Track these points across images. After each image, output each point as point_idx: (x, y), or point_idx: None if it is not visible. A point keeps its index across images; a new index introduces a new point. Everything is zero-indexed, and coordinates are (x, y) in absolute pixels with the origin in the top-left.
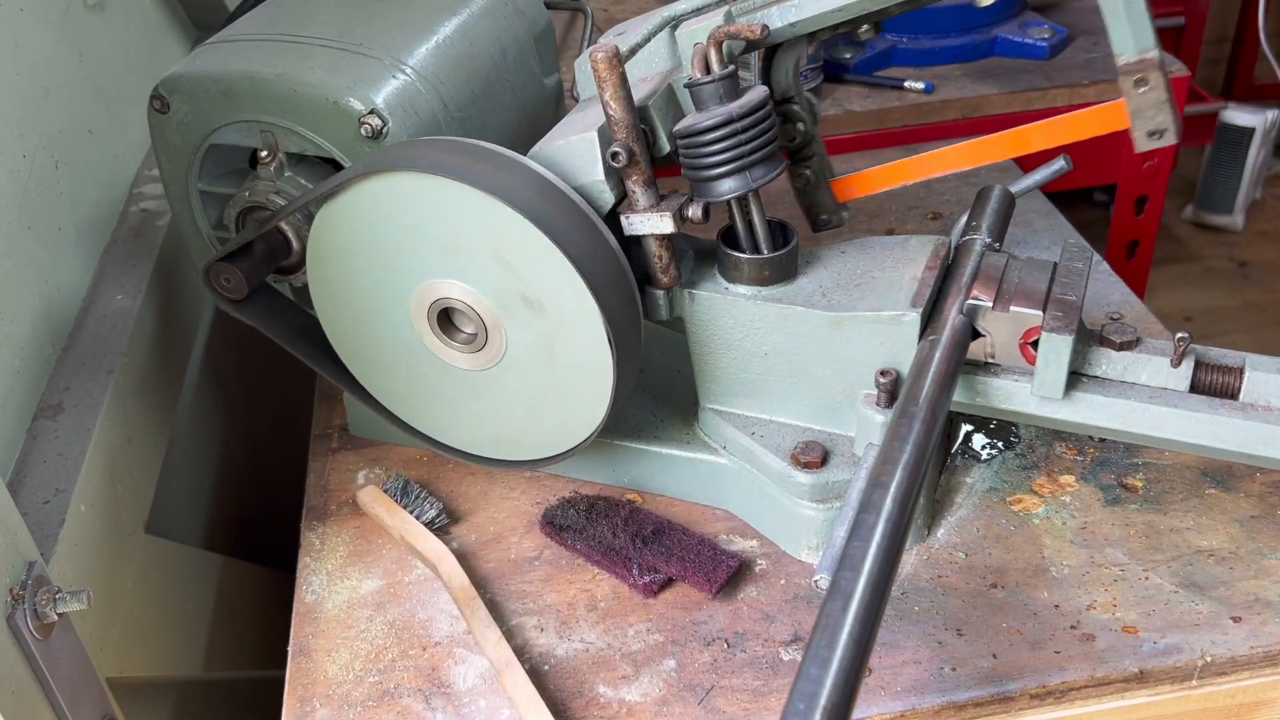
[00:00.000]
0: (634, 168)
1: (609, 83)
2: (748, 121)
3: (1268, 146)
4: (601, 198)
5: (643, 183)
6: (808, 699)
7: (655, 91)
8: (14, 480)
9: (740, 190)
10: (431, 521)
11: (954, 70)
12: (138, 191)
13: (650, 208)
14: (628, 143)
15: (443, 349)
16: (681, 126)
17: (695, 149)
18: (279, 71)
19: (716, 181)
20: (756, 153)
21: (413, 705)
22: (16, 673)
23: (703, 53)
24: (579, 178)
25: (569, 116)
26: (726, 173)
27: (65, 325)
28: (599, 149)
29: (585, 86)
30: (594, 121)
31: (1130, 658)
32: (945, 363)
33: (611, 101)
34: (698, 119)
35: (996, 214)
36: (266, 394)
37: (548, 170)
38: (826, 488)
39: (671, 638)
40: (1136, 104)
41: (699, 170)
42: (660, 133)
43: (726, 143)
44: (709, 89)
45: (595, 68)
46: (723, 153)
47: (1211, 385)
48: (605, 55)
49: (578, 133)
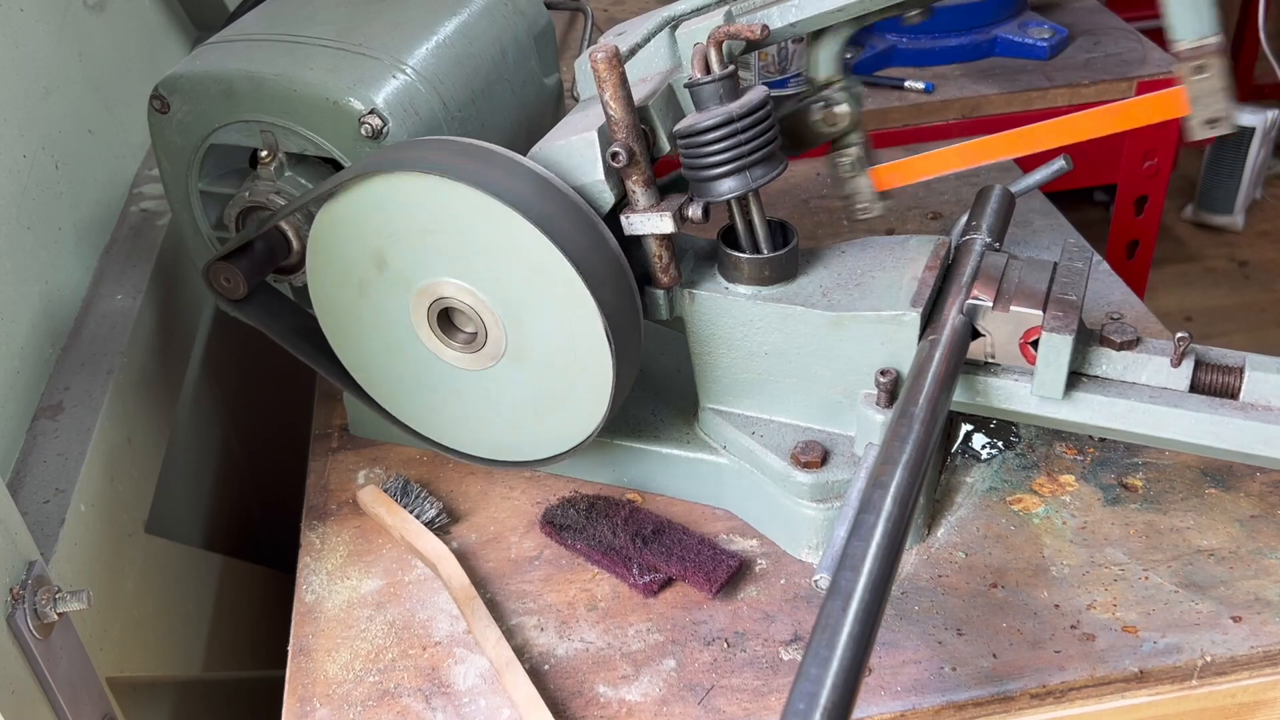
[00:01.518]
0: (634, 168)
1: (609, 83)
2: (748, 121)
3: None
4: (601, 198)
5: (643, 183)
6: (808, 699)
7: (655, 91)
8: (14, 480)
9: (740, 190)
10: (431, 521)
11: (954, 70)
12: (138, 191)
13: (650, 208)
14: (628, 143)
15: (443, 349)
16: (681, 126)
17: (695, 149)
18: (279, 71)
19: (716, 181)
20: (756, 152)
21: (413, 705)
22: (16, 673)
23: (703, 53)
24: (579, 178)
25: (569, 116)
26: (726, 173)
27: (65, 325)
28: (599, 149)
29: (585, 86)
30: (594, 122)
31: (1130, 657)
32: (945, 363)
33: (611, 102)
34: (698, 119)
35: (996, 214)
36: (266, 394)
37: (548, 170)
38: (826, 487)
39: (671, 637)
40: (1195, 91)
41: (699, 170)
42: (660, 132)
43: (726, 143)
44: (709, 89)
45: (595, 68)
46: (723, 153)
47: (1211, 385)
48: (605, 55)
49: (578, 133)
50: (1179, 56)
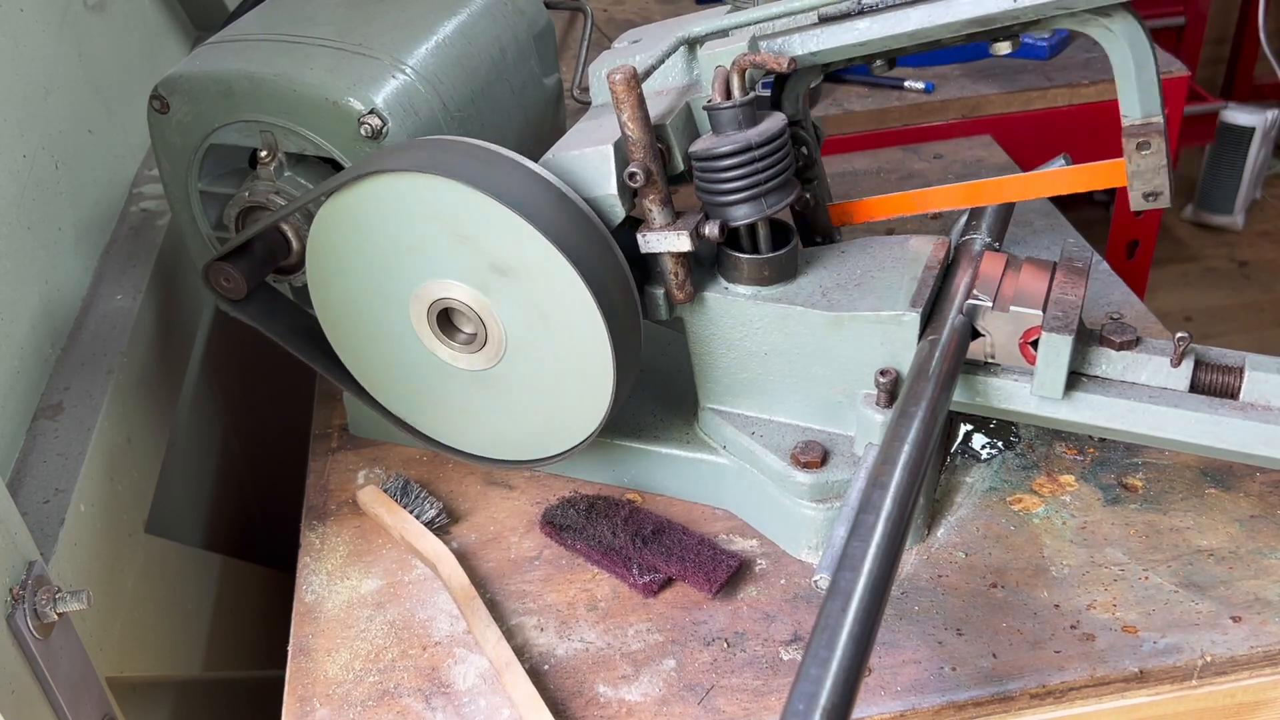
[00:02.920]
0: (651, 187)
1: (627, 104)
2: (766, 150)
3: (1268, 146)
4: (613, 211)
5: (659, 201)
6: (808, 699)
7: (673, 110)
8: (14, 480)
9: (754, 217)
10: (431, 521)
11: (954, 70)
12: (138, 191)
13: (667, 226)
14: (645, 163)
15: (442, 349)
16: (698, 149)
17: (711, 173)
18: (279, 71)
19: (731, 207)
20: (772, 180)
21: (413, 705)
22: (16, 673)
23: (724, 76)
24: (591, 190)
25: (581, 124)
26: (742, 199)
27: (65, 325)
28: (614, 163)
29: (599, 92)
30: (609, 134)
31: (1130, 657)
32: (945, 363)
33: (629, 123)
34: (716, 143)
35: (996, 214)
36: (266, 394)
37: (550, 173)
38: (826, 487)
39: (671, 637)
40: (1137, 165)
41: (713, 194)
42: (676, 152)
43: (743, 169)
44: (729, 114)
45: (613, 89)
46: (739, 179)
47: (1211, 385)
48: (624, 77)
49: (593, 144)
50: (1126, 132)
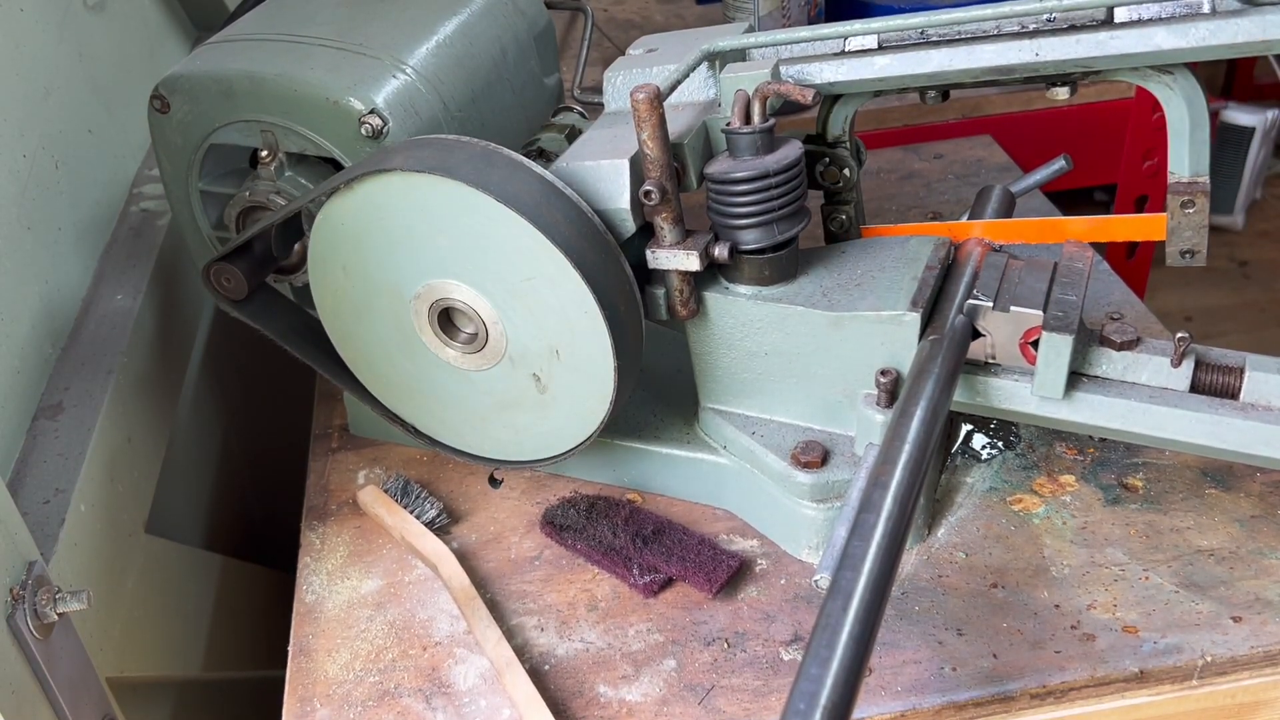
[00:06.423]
0: (664, 205)
1: (649, 123)
2: (781, 178)
3: (1268, 146)
4: (623, 225)
5: (671, 220)
6: (808, 699)
7: (690, 129)
8: (14, 480)
9: (764, 243)
10: (432, 521)
11: None
12: (138, 191)
13: (677, 244)
14: (661, 181)
15: (443, 349)
16: (715, 170)
17: (726, 195)
18: (279, 71)
19: (741, 231)
20: (785, 208)
21: (413, 705)
22: (16, 673)
23: (745, 101)
24: (604, 202)
25: (591, 132)
26: (753, 225)
27: (65, 325)
28: (628, 177)
29: (613, 99)
30: (624, 146)
31: (1130, 658)
32: (945, 363)
33: (649, 141)
34: (732, 167)
35: (996, 214)
36: (266, 394)
37: (557, 179)
38: (827, 487)
39: (672, 638)
40: (1178, 222)
41: (726, 216)
42: (691, 171)
43: (758, 195)
44: (747, 139)
45: (636, 107)
46: (753, 205)
47: (1211, 385)
48: (647, 96)
49: (607, 156)
50: (1172, 189)
